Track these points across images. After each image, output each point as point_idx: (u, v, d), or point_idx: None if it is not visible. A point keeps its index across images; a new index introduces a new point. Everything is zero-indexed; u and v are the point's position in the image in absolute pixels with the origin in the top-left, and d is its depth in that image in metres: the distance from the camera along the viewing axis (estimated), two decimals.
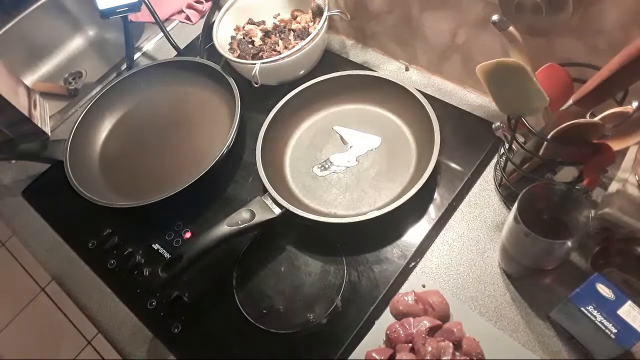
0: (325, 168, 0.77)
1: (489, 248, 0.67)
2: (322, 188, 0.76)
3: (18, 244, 0.64)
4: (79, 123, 0.88)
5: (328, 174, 0.77)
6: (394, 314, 0.63)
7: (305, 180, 0.77)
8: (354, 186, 0.75)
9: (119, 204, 0.77)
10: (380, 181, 0.74)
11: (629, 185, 0.58)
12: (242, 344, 0.66)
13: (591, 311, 0.51)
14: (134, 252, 0.75)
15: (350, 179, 0.76)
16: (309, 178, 0.77)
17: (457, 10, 0.72)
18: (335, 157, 0.78)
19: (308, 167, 0.78)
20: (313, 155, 0.80)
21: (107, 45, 1.21)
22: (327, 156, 0.79)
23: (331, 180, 0.76)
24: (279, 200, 0.69)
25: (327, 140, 0.81)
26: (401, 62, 0.89)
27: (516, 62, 0.51)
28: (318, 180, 0.77)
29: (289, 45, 0.89)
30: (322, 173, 0.77)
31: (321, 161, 0.78)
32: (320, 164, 0.78)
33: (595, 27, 0.59)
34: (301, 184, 0.77)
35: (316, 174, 0.77)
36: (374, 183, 0.74)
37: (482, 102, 0.81)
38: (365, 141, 0.79)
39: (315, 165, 0.78)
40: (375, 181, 0.75)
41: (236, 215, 0.67)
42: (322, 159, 0.79)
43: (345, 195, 0.74)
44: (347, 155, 0.78)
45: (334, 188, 0.75)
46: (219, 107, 0.88)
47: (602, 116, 0.51)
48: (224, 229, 0.65)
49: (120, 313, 0.72)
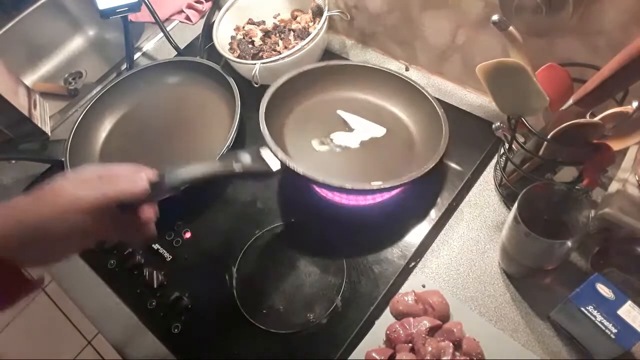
0: (323, 143, 0.76)
1: (489, 248, 0.67)
2: (319, 160, 0.74)
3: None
4: (79, 123, 0.88)
5: (326, 150, 0.76)
6: (394, 314, 0.63)
7: (303, 150, 0.75)
8: (352, 166, 0.74)
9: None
10: (378, 168, 0.73)
11: (629, 185, 0.59)
12: (242, 344, 0.66)
13: (591, 311, 0.51)
14: (134, 252, 0.75)
15: (348, 160, 0.75)
16: (307, 150, 0.75)
17: (457, 10, 0.72)
18: (338, 135, 0.78)
19: (307, 140, 0.77)
20: (313, 129, 0.78)
21: (107, 45, 1.21)
22: (327, 134, 0.77)
23: (326, 156, 0.75)
24: (279, 155, 0.64)
25: (330, 120, 0.80)
26: (401, 62, 0.89)
27: (516, 62, 0.51)
28: (314, 154, 0.75)
29: (289, 45, 0.89)
30: (320, 147, 0.76)
31: (321, 137, 0.77)
32: (319, 139, 0.77)
33: (595, 27, 0.59)
34: (298, 152, 0.74)
35: (313, 147, 0.76)
36: (372, 169, 0.73)
37: (482, 102, 0.81)
38: (370, 129, 0.79)
39: (313, 139, 0.77)
40: (374, 167, 0.73)
41: (232, 154, 0.60)
42: (322, 135, 0.77)
43: (342, 171, 0.73)
44: (350, 136, 0.78)
45: (329, 163, 0.74)
46: (219, 107, 0.88)
47: (602, 116, 0.51)
48: (216, 164, 0.59)
49: (120, 313, 0.72)
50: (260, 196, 0.77)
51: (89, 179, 0.48)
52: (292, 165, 0.64)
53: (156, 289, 0.71)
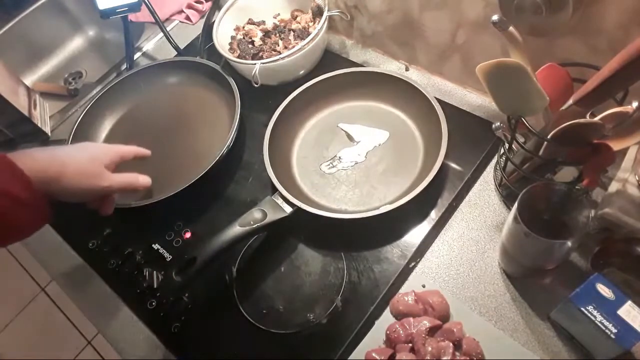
0: (333, 165, 0.77)
1: (489, 248, 0.67)
2: (331, 185, 0.76)
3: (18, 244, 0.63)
4: (79, 123, 0.88)
5: (336, 171, 0.77)
6: (394, 314, 0.63)
7: (313, 179, 0.77)
8: (363, 182, 0.75)
9: (119, 204, 0.76)
10: (388, 176, 0.74)
11: (629, 185, 0.59)
12: (242, 344, 0.66)
13: (591, 311, 0.51)
14: (134, 252, 0.75)
15: (359, 175, 0.76)
16: (317, 176, 0.77)
17: (457, 11, 0.72)
18: (344, 152, 0.79)
19: (316, 165, 0.78)
20: (320, 153, 0.80)
21: (107, 45, 1.21)
22: (335, 153, 0.79)
23: (339, 177, 0.76)
24: (290, 198, 0.69)
25: (333, 137, 0.81)
26: (401, 62, 0.89)
27: (516, 62, 0.51)
28: (326, 177, 0.77)
29: (289, 45, 0.89)
30: (330, 170, 0.77)
31: (329, 158, 0.79)
32: (328, 162, 0.78)
33: (595, 27, 0.59)
34: (310, 182, 0.77)
35: (324, 171, 0.77)
36: (382, 178, 0.74)
37: (482, 102, 0.81)
38: (373, 136, 0.79)
39: (322, 163, 0.78)
40: (384, 176, 0.75)
41: (248, 215, 0.67)
42: (330, 156, 0.79)
43: (354, 192, 0.74)
44: (355, 150, 0.78)
45: (342, 185, 0.75)
46: (219, 107, 0.88)
47: (602, 116, 0.51)
48: (237, 229, 0.65)
49: (120, 313, 0.72)
50: (260, 196, 0.77)
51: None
52: (305, 207, 0.68)
53: (156, 289, 0.71)
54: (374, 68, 0.85)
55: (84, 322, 1.81)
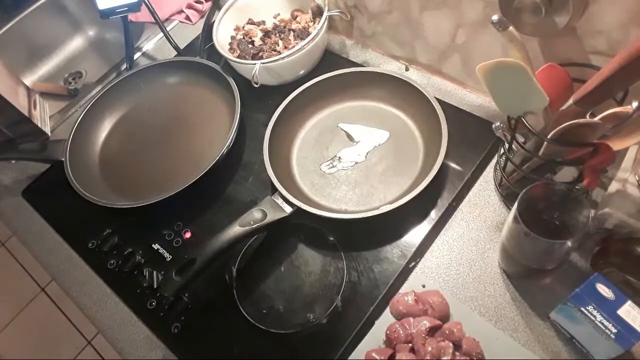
0: (333, 165, 0.77)
1: (489, 248, 0.67)
2: (331, 185, 0.76)
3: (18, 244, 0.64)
4: (79, 123, 0.88)
5: (336, 171, 0.77)
6: (394, 314, 0.63)
7: (313, 179, 0.77)
8: (363, 182, 0.75)
9: (119, 204, 0.77)
10: (388, 176, 0.74)
11: (629, 185, 0.58)
12: (242, 344, 0.66)
13: (591, 311, 0.51)
14: (134, 252, 0.75)
15: (359, 175, 0.76)
16: (317, 176, 0.77)
17: (457, 10, 0.72)
18: (344, 152, 0.78)
19: (316, 165, 0.78)
20: (320, 153, 0.80)
21: (107, 45, 1.21)
22: (335, 153, 0.79)
23: (339, 177, 0.76)
24: (290, 198, 0.69)
25: (333, 137, 0.81)
26: (401, 62, 0.89)
27: (516, 62, 0.51)
28: (326, 177, 0.77)
29: (289, 45, 0.89)
30: (330, 170, 0.77)
31: (329, 158, 0.78)
32: (328, 162, 0.78)
33: (595, 27, 0.59)
34: (309, 182, 0.77)
35: (324, 171, 0.77)
36: (382, 178, 0.74)
37: (482, 102, 0.81)
38: (373, 136, 0.79)
39: (322, 162, 0.78)
40: (384, 176, 0.75)
41: (248, 215, 0.67)
42: (330, 156, 0.79)
43: (355, 192, 0.74)
44: (355, 150, 0.78)
45: (342, 185, 0.75)
46: (219, 107, 0.88)
47: (602, 116, 0.51)
48: (237, 229, 0.65)
49: (120, 313, 0.72)
50: (260, 196, 0.77)
51: None
52: (305, 207, 0.68)
53: (156, 289, 0.71)
54: (374, 68, 0.85)
55: (84, 322, 1.81)
